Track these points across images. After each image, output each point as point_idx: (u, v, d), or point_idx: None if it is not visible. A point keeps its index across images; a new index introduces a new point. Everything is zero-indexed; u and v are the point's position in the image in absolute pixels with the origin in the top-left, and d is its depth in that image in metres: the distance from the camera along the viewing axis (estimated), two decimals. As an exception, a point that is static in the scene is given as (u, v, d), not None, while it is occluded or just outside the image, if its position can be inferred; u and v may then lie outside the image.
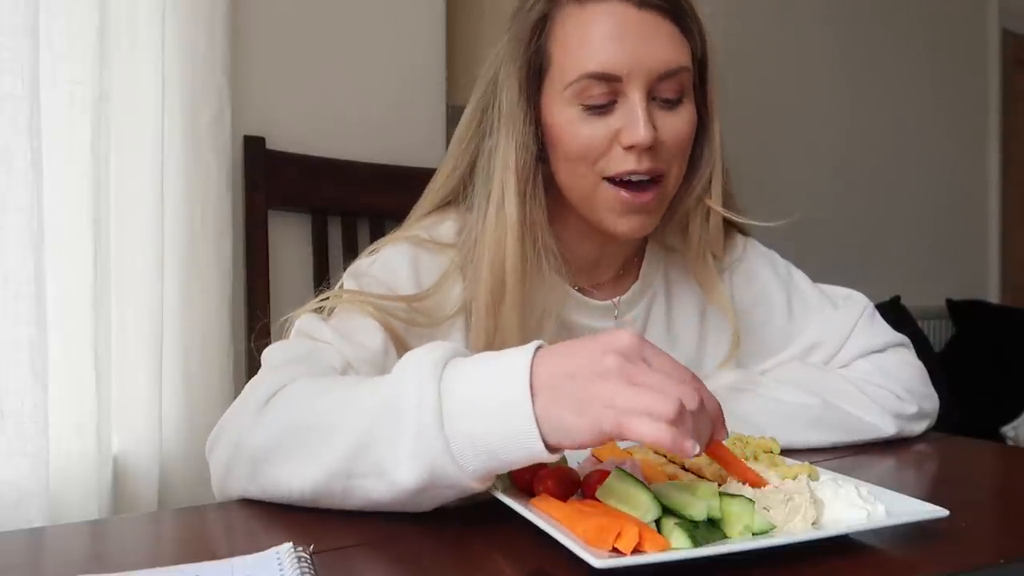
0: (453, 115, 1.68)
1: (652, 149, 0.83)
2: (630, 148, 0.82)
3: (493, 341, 0.84)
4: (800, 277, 1.05)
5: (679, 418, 0.53)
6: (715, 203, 0.91)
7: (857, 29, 2.95)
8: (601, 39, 0.82)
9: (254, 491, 0.68)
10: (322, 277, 1.52)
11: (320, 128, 1.58)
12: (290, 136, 1.54)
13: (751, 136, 2.49)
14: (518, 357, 0.58)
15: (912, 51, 3.13)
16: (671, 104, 0.85)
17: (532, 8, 0.87)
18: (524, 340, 0.81)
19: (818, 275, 1.07)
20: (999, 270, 3.50)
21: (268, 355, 0.79)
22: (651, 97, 0.84)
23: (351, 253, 1.53)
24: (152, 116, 1.29)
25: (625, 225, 0.87)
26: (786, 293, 1.03)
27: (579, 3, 0.84)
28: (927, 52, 3.18)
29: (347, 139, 1.61)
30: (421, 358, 0.60)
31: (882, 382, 0.95)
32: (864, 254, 2.90)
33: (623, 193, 0.84)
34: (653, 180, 0.85)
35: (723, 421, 0.60)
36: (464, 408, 0.57)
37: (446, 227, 0.91)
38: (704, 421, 0.57)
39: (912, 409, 0.95)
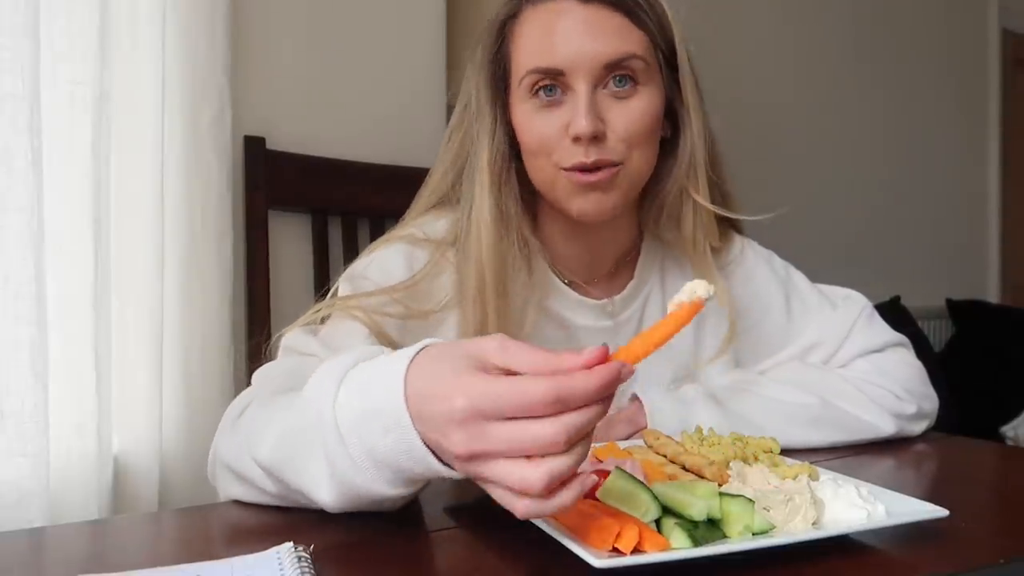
0: (453, 115, 1.68)
1: (599, 139, 0.84)
2: (576, 140, 0.84)
3: (481, 331, 0.86)
4: (799, 277, 1.05)
5: (547, 490, 0.49)
6: (700, 195, 0.92)
7: (857, 29, 2.95)
8: (545, 36, 0.86)
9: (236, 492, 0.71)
10: (322, 277, 1.52)
11: (320, 128, 1.58)
12: (290, 136, 1.54)
13: (751, 136, 2.49)
14: (394, 368, 0.55)
15: (912, 51, 3.13)
16: (623, 94, 0.86)
17: (498, 13, 0.91)
18: (509, 329, 0.84)
19: (818, 275, 1.07)
20: (999, 270, 3.50)
21: (257, 375, 0.80)
22: (602, 87, 0.86)
23: (351, 253, 1.53)
24: (152, 116, 1.29)
25: (581, 205, 0.87)
26: (784, 293, 1.03)
27: (532, 5, 0.88)
28: (927, 52, 3.19)
29: (347, 139, 1.61)
30: (322, 377, 0.59)
31: (881, 382, 0.95)
32: (864, 254, 2.90)
33: (577, 175, 0.86)
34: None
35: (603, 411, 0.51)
36: (355, 426, 0.56)
37: (441, 224, 0.93)
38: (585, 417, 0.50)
39: (911, 409, 0.95)
